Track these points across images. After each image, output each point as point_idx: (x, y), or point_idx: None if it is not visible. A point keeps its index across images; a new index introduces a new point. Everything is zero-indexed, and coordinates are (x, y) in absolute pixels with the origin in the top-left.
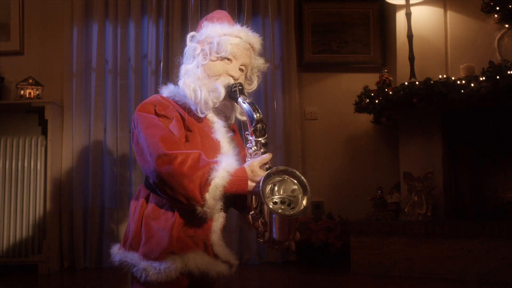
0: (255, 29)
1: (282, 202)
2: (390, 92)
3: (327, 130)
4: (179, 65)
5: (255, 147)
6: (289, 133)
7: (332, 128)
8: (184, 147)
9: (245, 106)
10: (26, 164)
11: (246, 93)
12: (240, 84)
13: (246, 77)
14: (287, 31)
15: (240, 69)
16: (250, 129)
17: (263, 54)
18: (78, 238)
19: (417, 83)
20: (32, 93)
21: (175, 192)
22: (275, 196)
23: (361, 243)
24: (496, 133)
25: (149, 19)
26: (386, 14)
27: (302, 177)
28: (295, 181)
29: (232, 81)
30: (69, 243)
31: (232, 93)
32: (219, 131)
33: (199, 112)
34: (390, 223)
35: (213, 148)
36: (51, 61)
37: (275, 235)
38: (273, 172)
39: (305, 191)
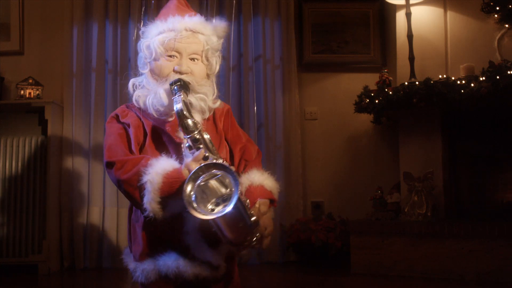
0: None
1: (224, 200)
2: (390, 92)
3: (327, 130)
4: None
5: (189, 144)
6: (289, 133)
7: (332, 128)
8: (142, 152)
9: (175, 104)
10: (26, 164)
11: (187, 89)
12: (179, 80)
13: (204, 63)
14: (287, 31)
15: (192, 59)
16: (180, 127)
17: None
18: (78, 238)
19: (417, 83)
20: (32, 93)
21: (126, 197)
22: (215, 197)
23: (361, 243)
24: (496, 133)
25: (149, 19)
26: (386, 14)
27: (232, 169)
28: (228, 175)
29: (176, 78)
30: (69, 243)
31: (172, 92)
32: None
33: (162, 116)
34: (390, 223)
35: (173, 147)
36: (51, 61)
37: (226, 235)
38: (198, 171)
39: (236, 185)
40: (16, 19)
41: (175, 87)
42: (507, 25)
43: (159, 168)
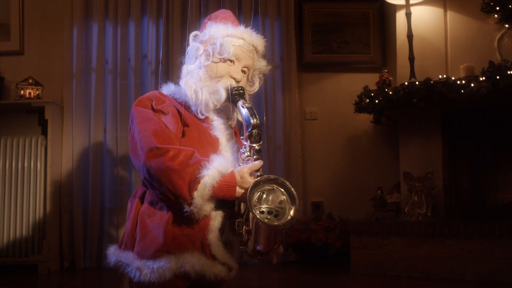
0: (255, 29)
1: (270, 212)
2: (390, 92)
3: (327, 130)
4: (180, 64)
5: (248, 153)
6: (289, 133)
7: (332, 128)
8: (180, 143)
9: (243, 110)
10: (26, 164)
11: (246, 97)
12: (242, 88)
13: (248, 79)
14: (287, 31)
15: (243, 71)
16: (246, 134)
17: (265, 56)
18: (78, 238)
19: (417, 83)
20: (32, 93)
21: (163, 188)
22: (263, 206)
23: (361, 243)
24: (496, 133)
25: (149, 19)
26: (386, 14)
27: (292, 188)
28: (284, 191)
29: (234, 83)
30: (69, 243)
31: (233, 96)
32: (218, 128)
33: (199, 113)
34: (390, 223)
35: (211, 144)
36: (51, 61)
37: (259, 246)
38: (262, 180)
39: (293, 203)
40: (16, 19)
41: (237, 93)
42: (507, 25)
43: (220, 166)
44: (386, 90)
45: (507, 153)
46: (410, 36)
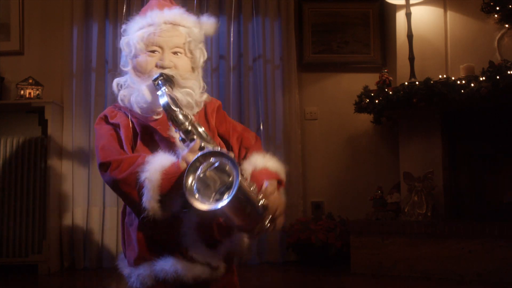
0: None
1: (228, 188)
2: (390, 92)
3: (327, 130)
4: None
5: (183, 138)
6: (289, 133)
7: (332, 128)
8: (134, 152)
9: (160, 98)
10: (26, 164)
11: (171, 82)
12: (160, 74)
13: (187, 56)
14: (287, 31)
15: (175, 53)
16: (169, 122)
17: (195, 19)
18: (78, 238)
19: (417, 83)
20: (32, 93)
21: (122, 198)
22: (220, 185)
23: (361, 243)
24: (496, 133)
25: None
26: (386, 14)
27: (228, 155)
28: (226, 161)
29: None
30: (69, 243)
31: (156, 87)
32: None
33: (148, 114)
34: (390, 223)
35: (166, 146)
36: (51, 61)
37: (238, 224)
38: (196, 162)
39: (234, 170)
40: (16, 19)
41: (159, 82)
42: (507, 25)
43: (157, 164)
44: (386, 90)
45: (507, 153)
46: (410, 36)
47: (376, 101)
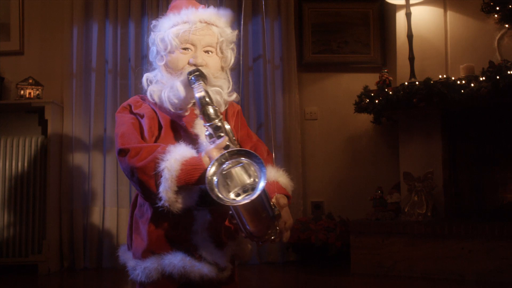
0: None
1: (245, 191)
2: (390, 92)
3: (327, 130)
4: (146, 71)
5: (211, 133)
6: (289, 133)
7: (332, 128)
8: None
9: (195, 93)
10: (26, 164)
11: (205, 78)
12: (196, 70)
13: (218, 55)
14: (287, 31)
15: (206, 51)
16: (200, 115)
17: (228, 23)
18: (78, 238)
19: (417, 83)
20: (32, 93)
21: (137, 187)
22: (239, 186)
23: (361, 243)
24: (496, 133)
25: (149, 19)
26: (386, 14)
27: (258, 157)
28: (252, 163)
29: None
30: (69, 243)
31: (190, 82)
32: (198, 124)
33: (178, 110)
34: (390, 223)
35: (189, 143)
36: (51, 61)
37: (249, 228)
38: (222, 157)
39: (262, 173)
40: (16, 19)
41: (193, 77)
42: (507, 25)
43: (177, 154)
44: (386, 90)
45: (507, 153)
46: (410, 36)
47: (376, 101)
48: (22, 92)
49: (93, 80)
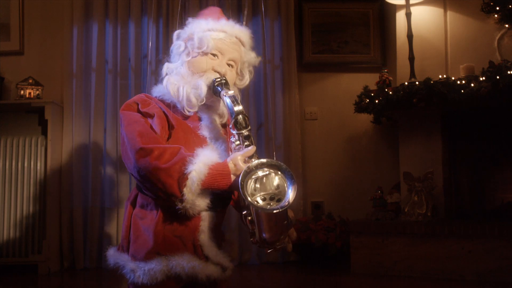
0: (255, 29)
1: (271, 198)
2: (390, 92)
3: (327, 130)
4: (163, 63)
5: (238, 141)
6: (289, 133)
7: (332, 128)
8: (166, 144)
9: (226, 99)
10: (26, 164)
11: (232, 88)
12: (224, 78)
13: (237, 73)
14: (287, 31)
15: (229, 65)
16: (232, 122)
17: (254, 47)
18: (78, 238)
19: (417, 83)
20: (32, 93)
21: (154, 188)
22: (262, 192)
23: (361, 243)
24: (496, 133)
25: (149, 19)
26: (386, 14)
27: (288, 169)
28: (280, 174)
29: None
30: (69, 243)
31: (215, 87)
32: (206, 127)
33: (185, 110)
34: (390, 223)
35: (198, 144)
36: (51, 61)
37: (264, 234)
38: (254, 165)
39: (291, 184)
40: (16, 19)
41: (219, 85)
42: (507, 25)
43: (205, 158)
44: (386, 90)
45: (507, 153)
46: (410, 36)
47: (376, 101)
48: (22, 92)
49: (93, 80)
